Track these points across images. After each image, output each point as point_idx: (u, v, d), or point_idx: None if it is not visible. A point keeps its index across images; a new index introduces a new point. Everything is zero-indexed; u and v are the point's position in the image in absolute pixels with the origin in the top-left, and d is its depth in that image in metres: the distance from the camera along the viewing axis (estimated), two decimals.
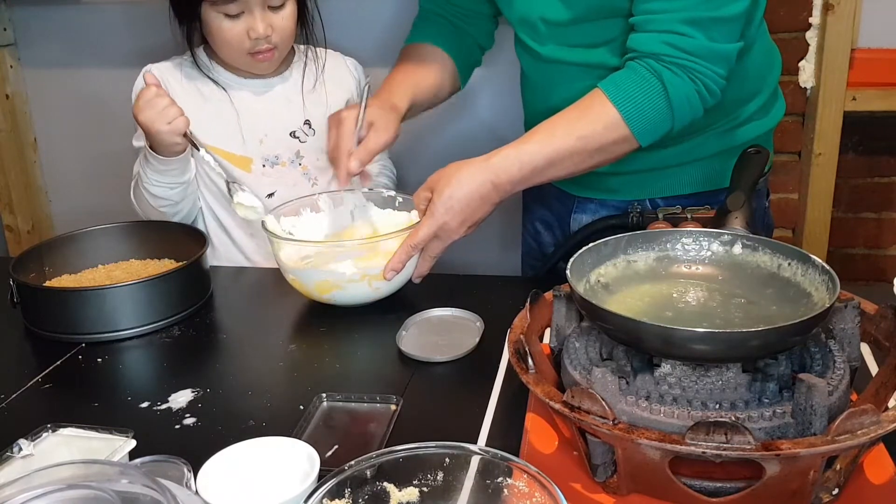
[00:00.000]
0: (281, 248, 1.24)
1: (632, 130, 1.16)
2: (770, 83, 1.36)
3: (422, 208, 1.23)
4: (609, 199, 1.40)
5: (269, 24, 1.39)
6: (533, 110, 1.41)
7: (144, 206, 1.47)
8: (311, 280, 1.22)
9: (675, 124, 1.18)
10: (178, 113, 1.31)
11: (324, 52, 1.58)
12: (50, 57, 2.20)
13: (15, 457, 0.86)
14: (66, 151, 2.34)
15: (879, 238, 2.10)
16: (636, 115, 1.15)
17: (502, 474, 0.71)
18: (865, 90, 1.88)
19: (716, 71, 1.15)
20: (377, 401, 0.99)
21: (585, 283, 0.94)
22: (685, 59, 1.14)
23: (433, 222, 1.19)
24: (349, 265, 1.19)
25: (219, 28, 1.39)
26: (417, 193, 1.25)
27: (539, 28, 1.29)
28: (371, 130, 1.31)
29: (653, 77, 1.14)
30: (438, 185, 1.20)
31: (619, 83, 1.16)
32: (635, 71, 1.16)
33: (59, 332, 1.20)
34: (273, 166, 1.51)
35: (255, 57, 1.43)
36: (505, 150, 1.19)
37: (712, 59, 1.14)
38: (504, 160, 1.18)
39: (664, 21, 1.14)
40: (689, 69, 1.14)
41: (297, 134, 1.53)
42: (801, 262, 0.92)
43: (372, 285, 1.21)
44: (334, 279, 1.20)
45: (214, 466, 0.80)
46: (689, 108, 1.16)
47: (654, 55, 1.15)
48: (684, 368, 0.82)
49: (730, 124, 1.31)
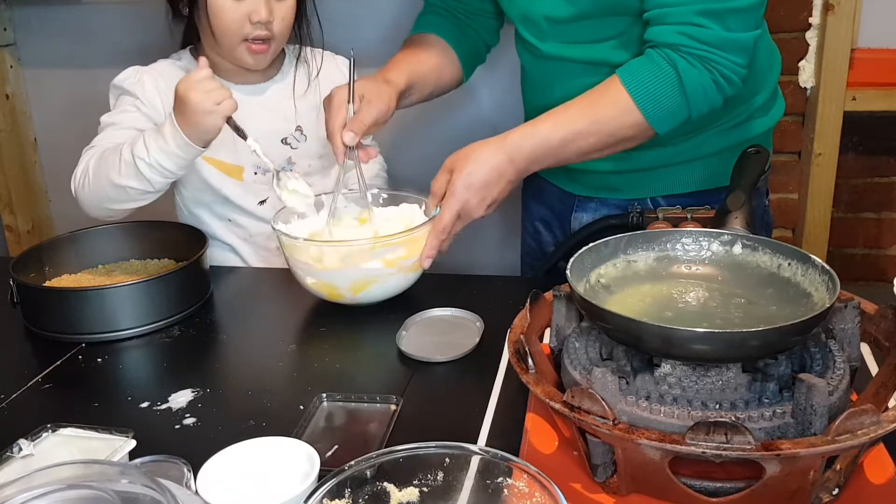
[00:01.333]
0: (322, 252, 1.21)
1: (646, 117, 1.17)
2: (770, 82, 1.36)
3: (441, 192, 1.23)
4: (610, 197, 1.40)
5: (272, 10, 1.39)
6: (533, 107, 1.41)
7: (105, 191, 1.35)
8: (346, 279, 1.21)
9: (693, 113, 1.18)
10: (226, 95, 1.26)
11: (319, 53, 1.58)
12: (50, 57, 2.20)
13: (15, 457, 0.86)
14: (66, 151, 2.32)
15: (879, 238, 2.10)
16: (649, 101, 1.16)
17: (502, 474, 0.71)
18: (865, 90, 1.89)
19: (733, 60, 1.15)
20: (377, 401, 0.99)
21: (585, 283, 0.94)
22: (701, 50, 1.14)
23: (455, 201, 1.20)
24: (378, 261, 1.20)
25: (221, 8, 1.37)
26: (436, 179, 1.25)
27: (541, 25, 1.29)
28: (363, 102, 1.30)
29: (668, 65, 1.15)
30: (457, 164, 1.21)
31: (634, 70, 1.17)
32: (651, 59, 1.17)
33: (59, 332, 1.20)
34: (265, 173, 1.49)
35: (251, 46, 1.41)
36: (521, 128, 1.22)
37: (729, 49, 1.14)
38: (520, 138, 1.20)
39: (679, 14, 1.14)
40: (705, 59, 1.14)
41: (289, 140, 1.52)
42: (801, 262, 0.92)
43: (406, 275, 1.24)
44: (373, 274, 1.21)
45: (214, 466, 0.79)
46: (705, 97, 1.17)
47: (672, 45, 1.15)
48: (684, 368, 0.82)
49: (731, 122, 1.31)
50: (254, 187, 1.50)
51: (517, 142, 1.20)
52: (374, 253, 1.20)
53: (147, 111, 1.44)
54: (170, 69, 1.49)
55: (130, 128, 1.41)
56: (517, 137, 1.20)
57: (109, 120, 1.44)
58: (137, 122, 1.43)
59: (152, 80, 1.46)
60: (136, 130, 1.39)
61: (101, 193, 1.35)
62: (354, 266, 1.20)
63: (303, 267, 1.23)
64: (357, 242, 1.22)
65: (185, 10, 1.45)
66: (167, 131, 1.27)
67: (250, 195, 1.50)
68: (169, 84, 1.43)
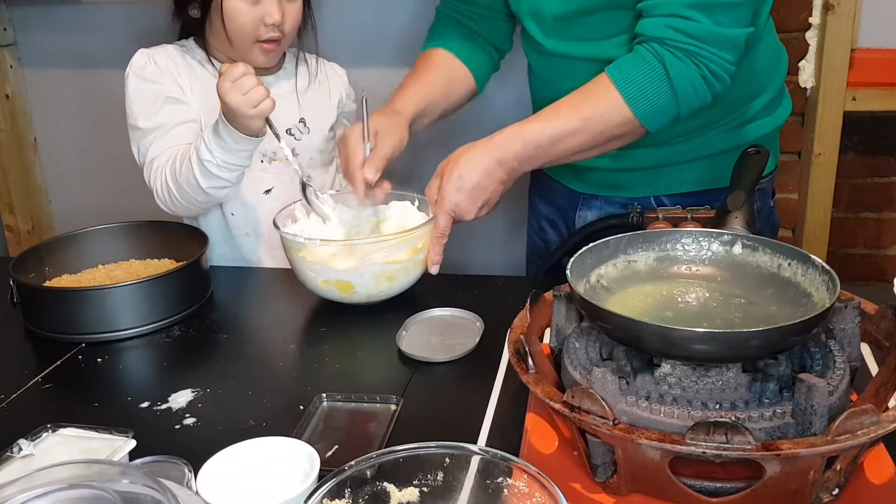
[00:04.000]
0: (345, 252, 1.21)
1: (635, 113, 1.16)
2: (776, 81, 1.36)
3: (434, 198, 1.24)
4: (615, 195, 1.40)
5: (284, 11, 1.43)
6: (540, 105, 1.41)
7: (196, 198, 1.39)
8: (367, 275, 1.21)
9: (682, 109, 1.17)
10: (264, 95, 1.27)
11: (314, 58, 1.61)
12: (50, 57, 2.21)
13: (15, 457, 0.86)
14: (66, 151, 2.34)
15: (879, 238, 2.10)
16: (638, 97, 1.15)
17: (502, 474, 0.71)
18: (865, 90, 1.88)
19: (722, 56, 1.14)
20: (377, 401, 0.99)
21: (585, 283, 0.94)
22: (689, 44, 1.13)
23: (447, 204, 1.21)
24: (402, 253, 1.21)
25: (236, 12, 1.41)
26: (429, 185, 1.25)
27: (546, 21, 1.29)
28: (378, 138, 1.32)
29: (655, 61, 1.14)
30: (446, 168, 1.22)
31: (622, 67, 1.17)
32: (639, 55, 1.16)
33: (59, 332, 1.20)
34: (271, 162, 1.52)
35: (263, 46, 1.45)
36: (509, 129, 1.22)
37: (718, 44, 1.14)
38: (508, 138, 1.20)
39: (670, 5, 1.13)
40: (693, 53, 1.13)
41: (293, 131, 1.55)
42: (801, 263, 0.92)
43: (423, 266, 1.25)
44: (395, 269, 1.21)
45: (214, 466, 0.79)
46: (694, 92, 1.16)
47: (659, 39, 1.15)
48: (684, 368, 0.82)
49: (735, 121, 1.31)
50: (260, 175, 1.51)
51: (505, 142, 1.20)
52: (397, 248, 1.20)
53: (173, 92, 1.46)
54: (175, 53, 1.50)
55: (176, 124, 1.45)
56: (505, 138, 1.20)
57: (149, 125, 1.45)
58: (175, 115, 1.45)
59: (166, 57, 1.48)
60: (182, 125, 1.44)
61: (192, 202, 1.41)
62: (379, 263, 1.20)
63: (315, 268, 1.21)
64: (375, 240, 1.22)
65: (194, 12, 1.46)
66: (222, 131, 1.31)
67: (257, 183, 1.50)
68: (178, 64, 1.48)
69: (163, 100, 1.45)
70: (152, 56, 1.47)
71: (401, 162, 1.62)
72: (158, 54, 1.48)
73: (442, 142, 1.92)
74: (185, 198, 1.40)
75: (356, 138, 1.31)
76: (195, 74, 1.49)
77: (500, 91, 1.91)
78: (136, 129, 1.46)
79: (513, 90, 1.85)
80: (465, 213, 1.22)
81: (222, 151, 1.32)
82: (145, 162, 1.45)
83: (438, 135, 1.95)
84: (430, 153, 1.79)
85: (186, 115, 1.46)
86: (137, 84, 1.47)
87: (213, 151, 1.32)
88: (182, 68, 1.48)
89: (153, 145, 1.44)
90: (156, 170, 1.42)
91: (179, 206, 1.43)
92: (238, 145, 1.31)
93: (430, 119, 1.44)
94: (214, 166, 1.33)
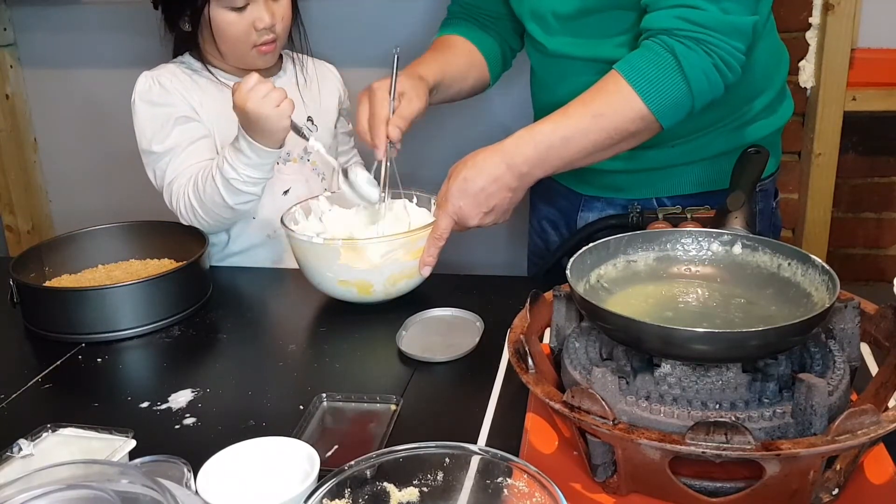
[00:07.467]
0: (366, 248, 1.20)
1: (650, 108, 1.13)
2: (777, 81, 1.35)
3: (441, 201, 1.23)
4: (616, 197, 1.40)
5: (273, 13, 1.42)
6: (541, 107, 1.41)
7: (222, 215, 1.41)
8: (386, 273, 1.20)
9: (696, 101, 1.14)
10: (282, 96, 1.27)
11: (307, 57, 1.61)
12: (50, 57, 2.21)
13: (15, 457, 0.86)
14: (66, 151, 2.34)
15: (879, 238, 2.10)
16: (652, 91, 1.13)
17: (502, 474, 0.71)
18: (865, 90, 1.88)
19: (733, 44, 1.12)
20: (377, 401, 0.99)
21: (585, 283, 0.94)
22: (699, 32, 1.11)
23: (450, 207, 1.20)
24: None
25: (226, 23, 1.41)
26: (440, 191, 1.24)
27: (549, 21, 1.29)
28: (403, 99, 1.31)
29: (666, 52, 1.12)
30: (454, 171, 1.21)
31: (632, 62, 1.15)
32: (648, 48, 1.14)
33: (59, 332, 1.20)
34: (285, 163, 1.52)
35: (260, 49, 1.44)
36: (518, 133, 1.19)
37: (727, 32, 1.12)
38: (517, 141, 1.18)
39: None
40: (704, 42, 1.11)
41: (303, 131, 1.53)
42: (801, 263, 0.92)
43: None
44: (413, 266, 1.22)
45: (214, 466, 0.79)
46: (708, 82, 1.13)
47: (667, 31, 1.13)
48: (684, 368, 0.82)
49: (736, 122, 1.31)
50: (277, 176, 1.50)
51: (515, 145, 1.18)
52: (414, 246, 1.21)
53: (184, 111, 1.45)
54: (178, 71, 1.50)
55: (190, 143, 1.44)
56: (515, 141, 1.18)
57: (162, 147, 1.44)
58: (187, 134, 1.45)
59: (170, 76, 1.48)
60: (196, 142, 1.44)
61: (218, 219, 1.42)
62: (399, 261, 1.20)
63: (334, 269, 1.20)
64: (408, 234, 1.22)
65: (185, 26, 1.46)
66: (244, 146, 1.31)
67: (275, 185, 1.50)
68: (184, 81, 1.48)
69: (173, 121, 1.45)
70: (156, 78, 1.47)
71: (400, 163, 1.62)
72: (162, 75, 1.47)
73: (442, 144, 1.93)
74: (210, 216, 1.40)
75: (384, 93, 1.30)
76: (202, 89, 1.48)
77: (501, 97, 1.92)
78: (149, 153, 1.46)
79: (515, 96, 1.85)
80: (467, 217, 1.20)
81: (245, 167, 1.33)
82: (164, 185, 1.45)
83: (438, 138, 1.96)
84: (431, 154, 1.80)
85: (199, 132, 1.46)
86: (145, 109, 1.46)
87: (236, 168, 1.33)
88: (188, 85, 1.48)
89: (169, 167, 1.44)
90: (176, 191, 1.43)
91: (205, 224, 1.42)
92: (260, 159, 1.32)
93: (443, 96, 1.43)
94: (240, 182, 1.34)
